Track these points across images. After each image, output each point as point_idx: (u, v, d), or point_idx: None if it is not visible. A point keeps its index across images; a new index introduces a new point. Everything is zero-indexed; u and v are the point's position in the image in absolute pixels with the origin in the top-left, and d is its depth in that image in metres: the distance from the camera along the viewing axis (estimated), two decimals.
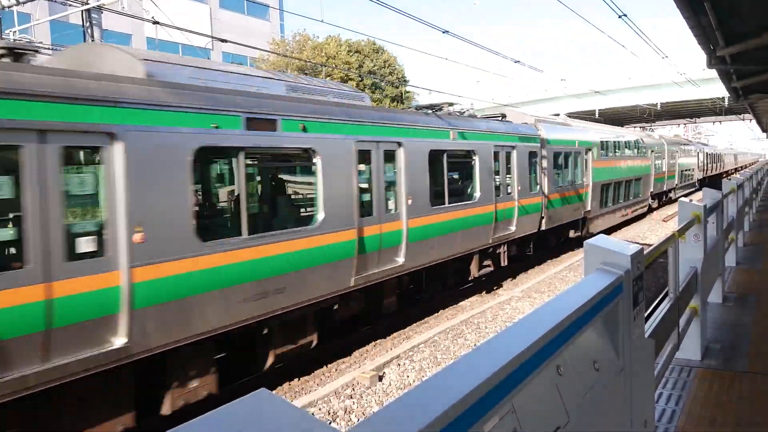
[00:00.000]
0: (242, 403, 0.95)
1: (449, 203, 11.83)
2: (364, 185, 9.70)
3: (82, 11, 15.12)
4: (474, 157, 12.85)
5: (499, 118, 15.88)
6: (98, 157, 5.95)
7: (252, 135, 7.51)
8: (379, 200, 9.86)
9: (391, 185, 10.32)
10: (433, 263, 11.42)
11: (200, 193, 7.80)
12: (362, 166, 9.66)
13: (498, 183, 13.80)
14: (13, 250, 5.45)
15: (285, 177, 9.29)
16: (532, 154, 15.67)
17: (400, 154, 10.39)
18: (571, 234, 19.20)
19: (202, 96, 7.03)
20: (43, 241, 5.36)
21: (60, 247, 5.49)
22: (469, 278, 13.64)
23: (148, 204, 6.20)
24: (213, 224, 7.75)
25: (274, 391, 7.05)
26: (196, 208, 6.98)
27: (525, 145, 15.18)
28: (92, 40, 14.67)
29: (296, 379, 8.75)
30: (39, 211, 5.34)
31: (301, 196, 9.39)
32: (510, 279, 15.05)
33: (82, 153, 6.12)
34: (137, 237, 6.02)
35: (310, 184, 8.77)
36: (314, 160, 8.55)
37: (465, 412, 1.23)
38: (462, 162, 12.90)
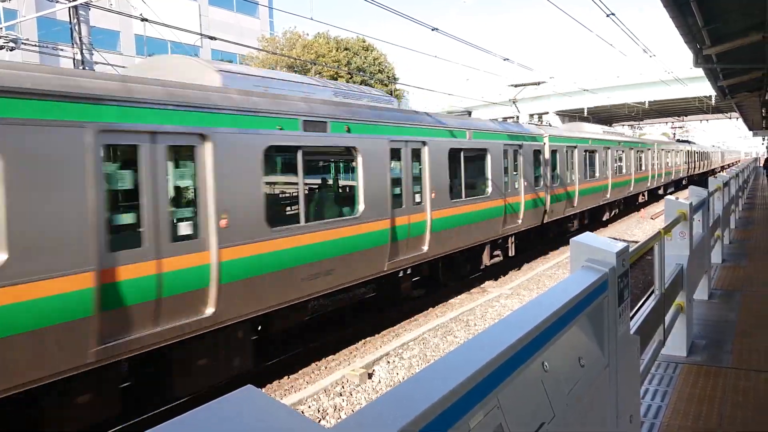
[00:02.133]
0: (228, 401, 0.95)
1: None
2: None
3: (69, 8, 14.99)
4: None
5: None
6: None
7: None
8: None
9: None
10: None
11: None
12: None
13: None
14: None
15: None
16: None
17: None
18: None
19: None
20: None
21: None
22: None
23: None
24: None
25: (263, 389, 7.05)
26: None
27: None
28: (80, 38, 14.56)
29: (286, 377, 8.74)
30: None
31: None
32: (492, 279, 15.09)
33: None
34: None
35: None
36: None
37: (450, 408, 1.24)
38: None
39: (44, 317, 5.36)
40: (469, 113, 16.75)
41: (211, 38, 14.44)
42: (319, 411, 7.44)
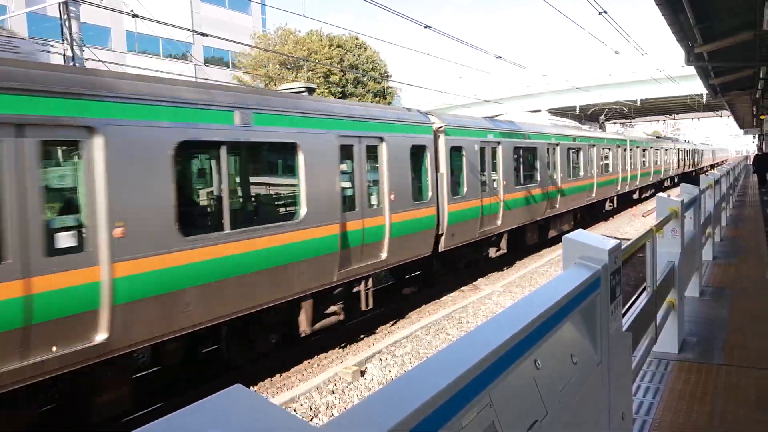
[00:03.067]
0: (216, 399, 0.94)
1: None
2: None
3: (59, 3, 14.88)
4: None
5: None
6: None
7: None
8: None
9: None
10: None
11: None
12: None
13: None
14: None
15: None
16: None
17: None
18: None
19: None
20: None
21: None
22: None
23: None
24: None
25: (255, 387, 7.03)
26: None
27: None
28: (70, 34, 14.46)
29: (278, 375, 8.73)
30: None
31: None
32: (484, 277, 15.12)
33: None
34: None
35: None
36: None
37: (442, 406, 1.23)
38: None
39: None
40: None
41: (203, 35, 14.37)
42: (311, 409, 7.43)
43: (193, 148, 7.42)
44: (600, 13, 13.43)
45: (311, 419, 7.18)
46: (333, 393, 7.86)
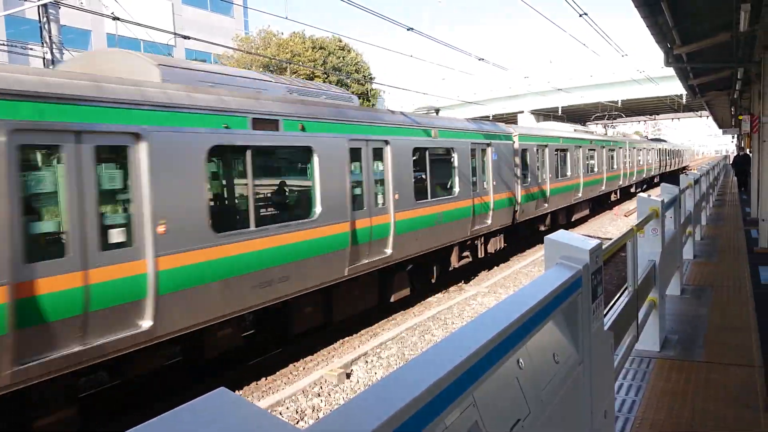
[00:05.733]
0: (200, 403, 0.94)
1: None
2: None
3: (38, 6, 14.72)
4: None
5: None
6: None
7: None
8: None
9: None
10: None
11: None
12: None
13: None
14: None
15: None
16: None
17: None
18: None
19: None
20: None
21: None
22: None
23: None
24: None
25: (241, 391, 6.98)
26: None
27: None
28: (49, 36, 14.31)
29: (263, 378, 8.69)
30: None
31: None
32: (469, 278, 15.19)
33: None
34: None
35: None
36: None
37: (425, 406, 1.24)
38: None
39: None
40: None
41: (185, 37, 14.27)
42: (297, 412, 7.41)
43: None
44: (581, 15, 13.55)
45: (297, 422, 7.16)
46: (319, 396, 7.85)
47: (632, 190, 35.89)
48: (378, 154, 10.83)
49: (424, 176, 12.33)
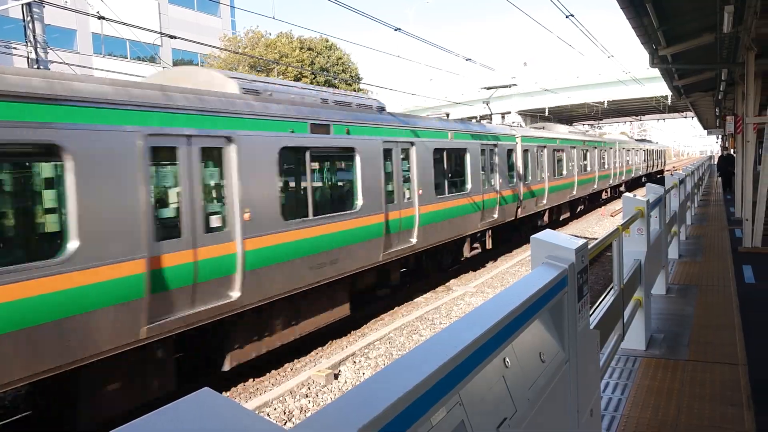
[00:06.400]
0: (184, 404, 0.93)
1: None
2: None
3: (22, 5, 14.57)
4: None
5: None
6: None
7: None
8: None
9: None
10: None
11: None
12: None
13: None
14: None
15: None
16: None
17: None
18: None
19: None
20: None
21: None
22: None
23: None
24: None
25: (228, 392, 6.96)
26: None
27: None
28: (33, 36, 14.17)
29: (251, 380, 8.65)
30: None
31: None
32: (457, 278, 15.23)
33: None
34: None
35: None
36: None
37: (411, 406, 1.24)
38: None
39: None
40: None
41: (172, 37, 14.17)
42: (285, 413, 7.38)
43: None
44: (567, 17, 13.63)
45: (284, 423, 7.14)
46: (306, 396, 7.83)
47: (621, 189, 36.90)
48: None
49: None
